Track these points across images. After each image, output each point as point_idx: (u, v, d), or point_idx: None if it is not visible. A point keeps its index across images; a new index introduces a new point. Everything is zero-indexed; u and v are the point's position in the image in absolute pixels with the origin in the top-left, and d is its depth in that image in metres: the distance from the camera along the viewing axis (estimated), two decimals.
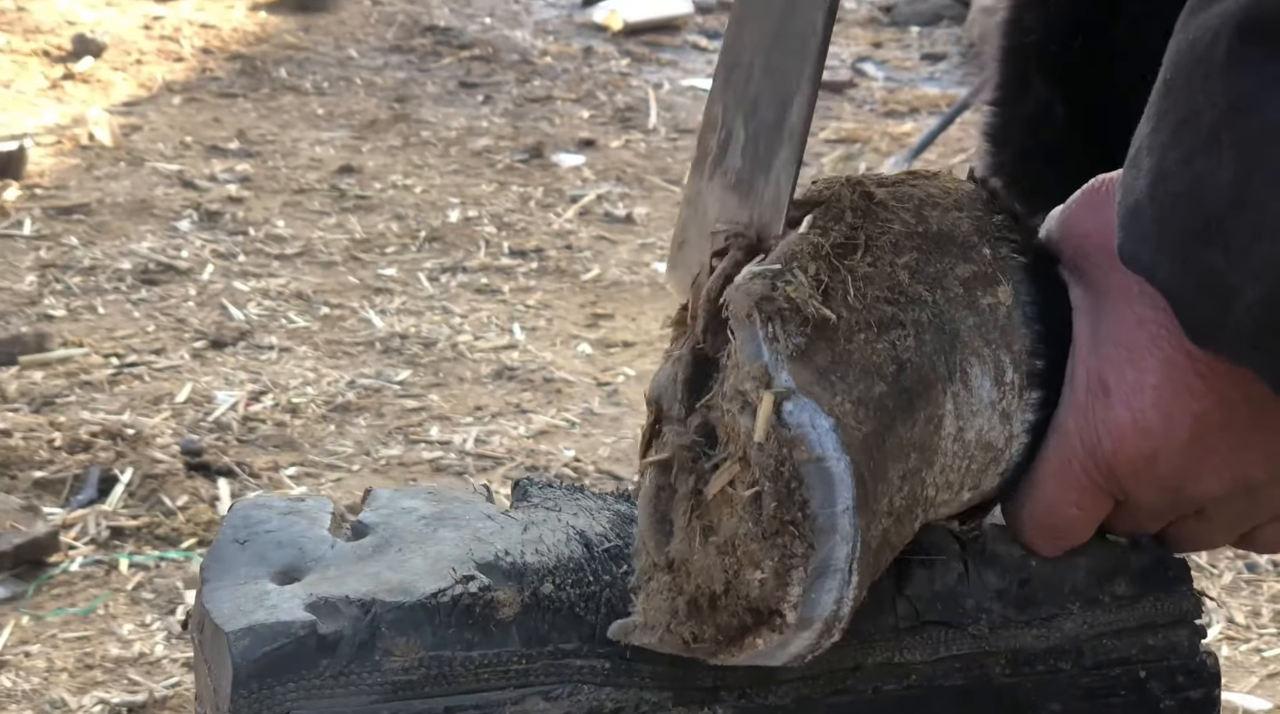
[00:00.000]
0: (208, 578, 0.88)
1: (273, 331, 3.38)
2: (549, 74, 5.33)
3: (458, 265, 3.77)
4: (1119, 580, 0.92)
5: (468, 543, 0.89)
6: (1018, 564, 0.90)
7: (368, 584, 0.85)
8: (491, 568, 0.87)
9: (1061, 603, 0.91)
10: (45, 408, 2.99)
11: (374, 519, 0.92)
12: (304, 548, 0.90)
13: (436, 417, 3.04)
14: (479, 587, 0.85)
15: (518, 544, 0.89)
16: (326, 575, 0.87)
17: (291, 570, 0.88)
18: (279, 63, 5.29)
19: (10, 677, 2.24)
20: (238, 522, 0.92)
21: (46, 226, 3.87)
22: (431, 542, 0.89)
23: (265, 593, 0.86)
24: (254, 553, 0.89)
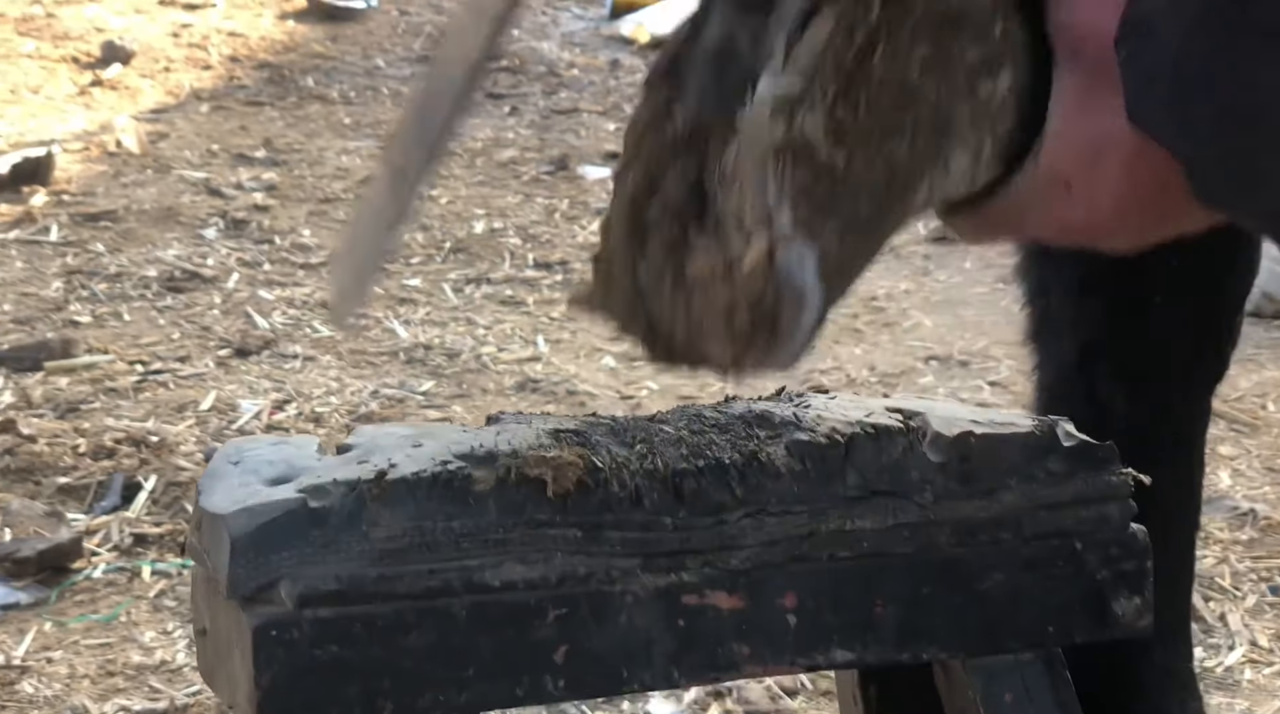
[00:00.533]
0: (203, 490, 0.95)
1: (297, 341, 3.38)
2: (575, 86, 5.33)
3: (482, 277, 3.77)
4: (1051, 457, 1.00)
5: (447, 447, 0.96)
6: (957, 441, 0.98)
7: (352, 474, 0.93)
8: (468, 456, 0.94)
9: (1000, 477, 0.99)
10: (70, 414, 3.00)
11: (357, 441, 0.99)
12: (293, 462, 0.97)
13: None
14: (456, 469, 0.92)
15: (491, 440, 0.96)
16: (314, 474, 0.94)
17: (282, 479, 0.95)
18: (306, 71, 5.31)
19: (32, 683, 2.25)
20: (230, 450, 1.00)
21: (73, 233, 3.89)
22: (412, 449, 0.96)
23: (258, 490, 0.93)
24: (247, 468, 0.96)
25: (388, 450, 0.96)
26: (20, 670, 2.27)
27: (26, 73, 5.03)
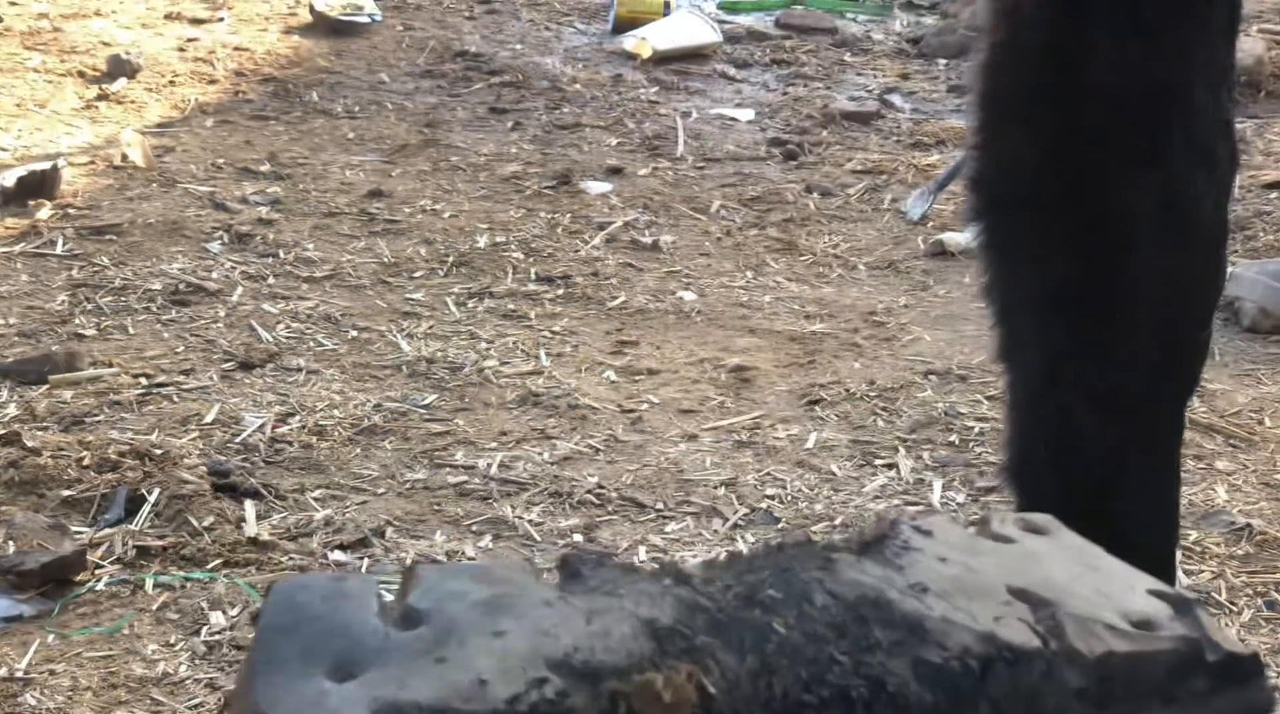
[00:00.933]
0: (259, 672, 0.84)
1: (301, 354, 3.40)
2: (578, 101, 5.35)
3: (485, 291, 3.79)
4: (1196, 676, 0.92)
5: (533, 636, 0.85)
6: (1099, 661, 0.89)
7: (434, 686, 0.81)
8: (562, 667, 0.83)
9: (1141, 699, 0.90)
10: (74, 427, 3.01)
11: (425, 604, 0.88)
12: (356, 637, 0.85)
13: (461, 441, 3.05)
14: (555, 692, 0.81)
15: (585, 638, 0.85)
16: (386, 673, 0.83)
17: (346, 664, 0.84)
18: (311, 86, 5.33)
19: (35, 695, 2.26)
20: (281, 606, 0.88)
21: (79, 246, 3.91)
22: (493, 634, 0.85)
23: (324, 693, 0.81)
24: (305, 646, 0.85)
25: (464, 634, 0.85)
26: (23, 683, 2.28)
27: (33, 86, 5.05)
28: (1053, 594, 0.93)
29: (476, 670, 0.82)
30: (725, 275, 3.99)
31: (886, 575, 0.93)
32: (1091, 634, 0.90)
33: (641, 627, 0.86)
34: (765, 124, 5.26)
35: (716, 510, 2.84)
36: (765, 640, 0.86)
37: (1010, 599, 0.93)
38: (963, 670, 0.86)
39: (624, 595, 0.90)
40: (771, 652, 0.85)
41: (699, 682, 0.82)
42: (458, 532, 2.73)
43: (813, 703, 0.84)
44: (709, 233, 4.27)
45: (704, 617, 0.87)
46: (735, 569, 0.93)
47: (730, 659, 0.84)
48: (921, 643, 0.87)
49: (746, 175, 4.73)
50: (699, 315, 3.73)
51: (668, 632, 0.86)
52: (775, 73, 5.91)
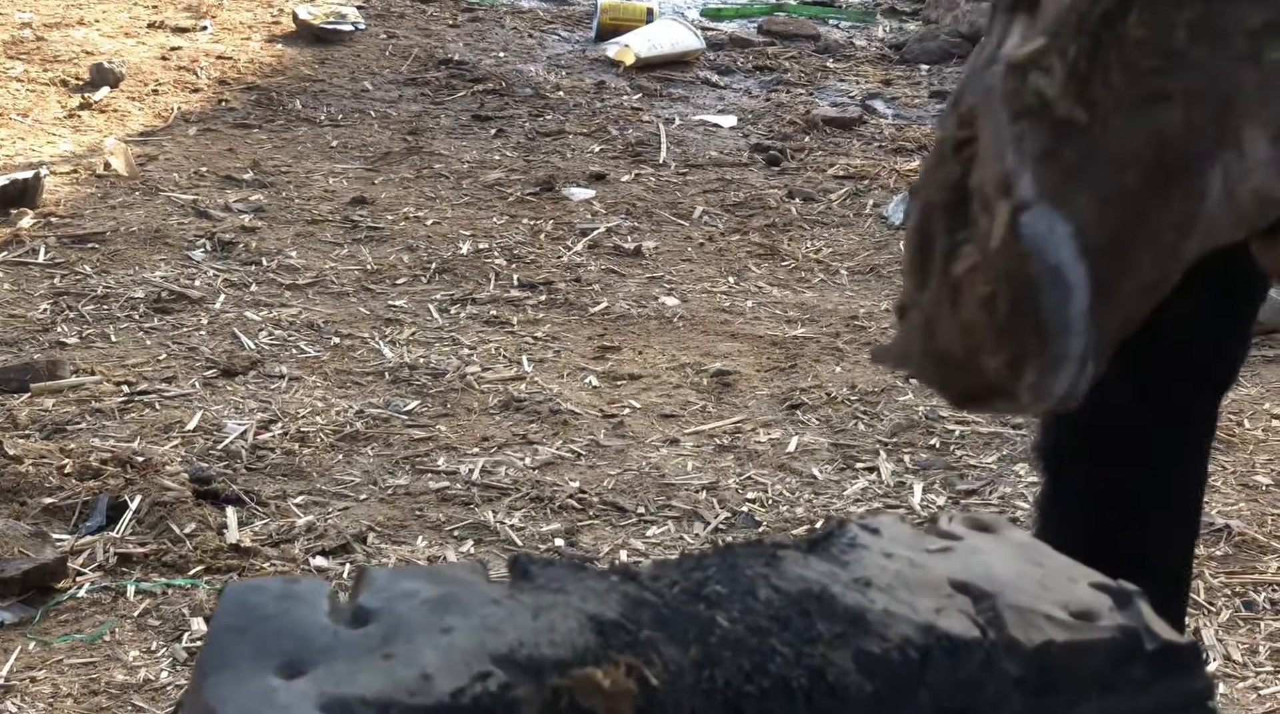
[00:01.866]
0: (207, 672, 0.84)
1: (283, 361, 3.41)
2: (561, 108, 5.37)
3: (467, 297, 3.80)
4: (1135, 665, 0.92)
5: (479, 632, 0.86)
6: (1037, 650, 0.90)
7: (380, 681, 0.82)
8: (506, 661, 0.84)
9: (1081, 688, 0.90)
10: (56, 435, 3.01)
11: (375, 604, 0.89)
12: (306, 637, 0.86)
13: (444, 447, 3.06)
14: (498, 684, 0.82)
15: (530, 633, 0.86)
16: (334, 670, 0.83)
17: (296, 663, 0.84)
18: (294, 94, 5.34)
19: (15, 702, 2.26)
20: (232, 608, 0.89)
21: (61, 254, 3.91)
22: (440, 631, 0.86)
23: (272, 689, 0.82)
24: (255, 646, 0.85)
25: (411, 631, 0.86)
26: (4, 690, 2.28)
27: (15, 95, 5.05)
28: (994, 587, 0.94)
29: (422, 666, 0.83)
30: (707, 280, 4.00)
31: (831, 571, 0.94)
32: (1031, 625, 0.91)
33: (587, 622, 0.87)
34: (748, 130, 5.27)
35: (698, 514, 2.85)
36: (709, 633, 0.87)
37: (952, 592, 0.94)
38: (902, 660, 0.87)
39: (571, 592, 0.91)
40: (714, 644, 0.86)
41: (640, 674, 0.83)
42: (439, 537, 2.74)
43: (754, 693, 0.85)
44: (691, 238, 4.28)
45: (649, 611, 0.88)
46: (683, 567, 0.94)
47: (673, 651, 0.85)
48: (863, 634, 0.88)
49: (729, 181, 4.74)
50: (681, 320, 3.74)
51: (612, 626, 0.87)
52: (758, 79, 5.92)
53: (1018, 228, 0.75)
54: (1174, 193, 0.77)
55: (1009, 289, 0.76)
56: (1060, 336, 0.76)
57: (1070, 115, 0.75)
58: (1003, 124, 0.75)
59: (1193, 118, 0.76)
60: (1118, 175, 0.76)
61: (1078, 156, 0.75)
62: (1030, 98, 0.75)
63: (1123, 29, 0.76)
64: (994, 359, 0.78)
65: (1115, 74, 0.75)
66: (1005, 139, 0.75)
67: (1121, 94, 0.76)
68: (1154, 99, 0.76)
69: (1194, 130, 0.77)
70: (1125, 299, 0.78)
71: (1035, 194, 0.74)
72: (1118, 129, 0.76)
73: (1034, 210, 0.75)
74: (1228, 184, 0.78)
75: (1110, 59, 0.75)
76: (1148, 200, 0.76)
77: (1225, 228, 0.79)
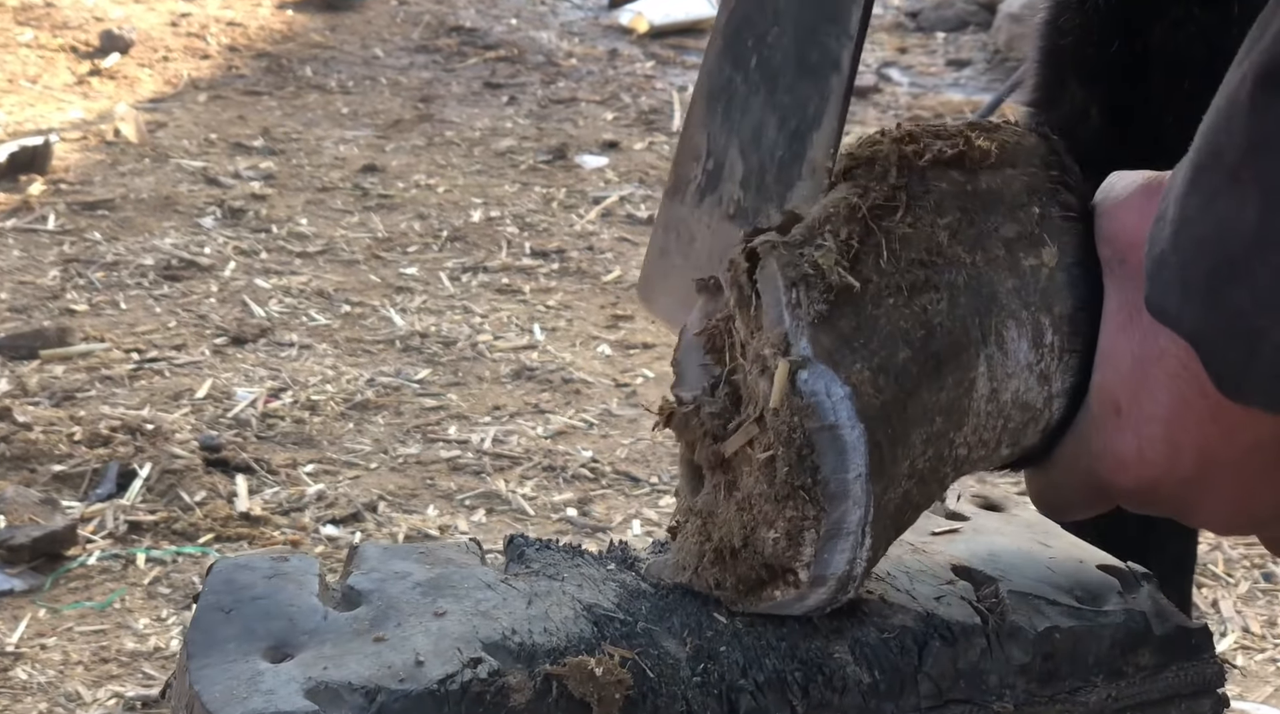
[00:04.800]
0: (193, 653, 0.82)
1: (293, 329, 3.39)
2: (574, 76, 5.33)
3: (479, 265, 3.77)
4: (1143, 650, 0.90)
5: (471, 618, 0.84)
6: (1041, 637, 0.88)
7: (369, 666, 0.80)
8: (499, 648, 0.82)
9: (1086, 675, 0.89)
10: (65, 402, 3.00)
11: (366, 585, 0.88)
12: (294, 619, 0.84)
13: (455, 416, 3.04)
14: (489, 671, 0.80)
15: (524, 620, 0.85)
16: (322, 653, 0.82)
17: (283, 645, 0.83)
18: (304, 61, 5.31)
19: (26, 669, 2.25)
20: (220, 586, 0.86)
21: (70, 221, 3.89)
22: (432, 615, 0.85)
23: (259, 673, 0.80)
24: (241, 624, 0.84)
25: (403, 614, 0.85)
26: (14, 657, 2.27)
27: (25, 62, 5.03)
28: (998, 571, 0.92)
29: (413, 651, 0.81)
30: None
31: None
32: (1035, 610, 0.89)
33: (582, 610, 0.86)
34: None
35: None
36: (705, 627, 0.86)
37: (954, 578, 0.92)
38: (900, 650, 0.86)
39: (566, 579, 0.90)
40: (710, 637, 0.85)
41: (635, 665, 0.82)
42: (450, 506, 2.72)
43: (749, 687, 0.84)
44: None
45: (646, 602, 0.88)
46: None
47: (670, 644, 0.85)
48: (859, 625, 0.87)
49: None
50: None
51: (608, 616, 0.86)
52: None
53: (797, 383, 0.78)
54: (944, 377, 0.81)
55: (787, 449, 0.79)
56: (838, 503, 0.79)
57: (845, 282, 0.79)
58: (779, 291, 0.79)
59: (957, 310, 0.81)
60: (890, 349, 0.80)
61: (852, 326, 0.79)
62: (807, 267, 0.79)
63: (889, 224, 0.81)
64: (772, 530, 0.81)
65: (884, 259, 0.80)
66: (782, 304, 0.79)
67: (890, 277, 0.80)
68: (921, 288, 0.81)
69: (959, 322, 0.81)
70: (898, 476, 0.81)
71: (812, 353, 0.78)
72: (888, 307, 0.80)
73: (812, 368, 0.78)
74: (992, 381, 0.82)
75: (880, 245, 0.80)
76: (919, 378, 0.80)
77: (990, 434, 0.83)
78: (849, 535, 0.80)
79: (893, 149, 0.83)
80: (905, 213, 0.81)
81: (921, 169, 0.83)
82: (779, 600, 0.83)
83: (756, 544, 0.82)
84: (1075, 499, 0.88)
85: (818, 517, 0.79)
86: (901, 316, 0.80)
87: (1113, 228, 0.84)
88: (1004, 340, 0.83)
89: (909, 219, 0.81)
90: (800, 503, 0.79)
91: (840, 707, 0.85)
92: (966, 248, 0.82)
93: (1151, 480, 0.83)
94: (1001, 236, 0.83)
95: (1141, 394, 0.81)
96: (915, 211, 0.82)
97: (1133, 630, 0.90)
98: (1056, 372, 0.84)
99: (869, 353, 0.79)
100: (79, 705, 2.19)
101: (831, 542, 0.80)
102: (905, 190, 0.82)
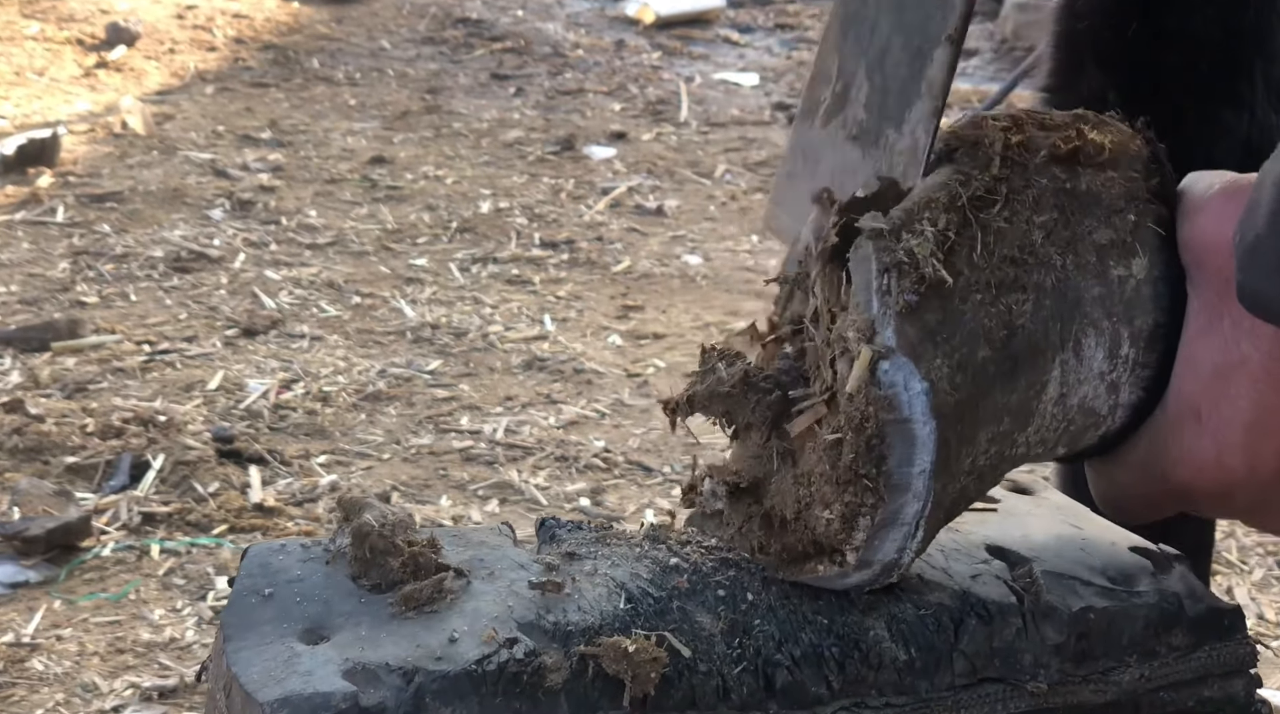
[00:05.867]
0: (230, 635, 0.83)
1: (304, 320, 3.39)
2: (581, 67, 5.33)
3: (489, 256, 3.77)
4: (1176, 631, 0.91)
5: (505, 598, 0.85)
6: (1076, 617, 0.88)
7: (406, 647, 0.81)
8: (534, 628, 0.83)
9: (1119, 655, 0.89)
10: (78, 394, 3.00)
11: None
12: (330, 601, 0.85)
13: (467, 406, 3.04)
14: (525, 652, 0.81)
15: (558, 600, 0.85)
16: (359, 635, 0.82)
17: (319, 628, 0.83)
18: (311, 53, 5.30)
19: (42, 660, 2.25)
20: (255, 570, 0.87)
21: (79, 214, 3.89)
22: (466, 595, 0.85)
23: (295, 655, 0.80)
24: (277, 607, 0.84)
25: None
26: (30, 648, 2.27)
27: (31, 55, 5.03)
28: (1032, 551, 0.93)
29: (448, 631, 0.82)
30: (730, 239, 3.97)
31: None
32: (1069, 591, 0.90)
33: (615, 589, 0.86)
34: (769, 88, 5.23)
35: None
36: (739, 601, 0.86)
37: (988, 557, 0.92)
38: (937, 628, 0.86)
39: (599, 558, 0.90)
40: (745, 611, 0.86)
41: (669, 642, 0.82)
42: (463, 496, 2.72)
43: (785, 662, 0.84)
44: (713, 197, 4.25)
45: (679, 578, 0.88)
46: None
47: (704, 619, 0.85)
48: (896, 601, 0.87)
49: (750, 139, 4.70)
50: (704, 279, 3.71)
51: (641, 593, 0.86)
52: (779, 37, 5.88)
53: (877, 372, 0.77)
54: (1018, 379, 0.81)
55: (857, 437, 0.78)
56: (899, 495, 0.78)
57: (937, 276, 0.78)
58: (871, 275, 0.78)
59: (1042, 312, 0.81)
60: (971, 346, 0.79)
61: (938, 319, 0.78)
62: (901, 254, 0.78)
63: (987, 217, 0.80)
64: (827, 511, 0.80)
65: (978, 253, 0.79)
66: (872, 289, 0.78)
67: (981, 273, 0.80)
68: (1009, 286, 0.80)
69: (1041, 325, 0.81)
70: (960, 473, 0.81)
71: (896, 344, 0.77)
72: (975, 304, 0.79)
73: (894, 360, 0.77)
74: (1063, 385, 0.82)
75: (975, 238, 0.80)
76: (994, 379, 0.80)
77: (1052, 434, 0.83)
78: (903, 526, 0.80)
79: (999, 137, 0.82)
80: (1004, 206, 0.81)
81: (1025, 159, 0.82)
82: (821, 575, 0.83)
83: (809, 520, 0.82)
84: (1144, 503, 0.88)
85: (875, 505, 0.79)
86: (986, 314, 0.80)
87: (1192, 232, 0.84)
88: (1081, 348, 0.82)
89: (1006, 213, 0.81)
90: (861, 490, 0.79)
91: (875, 683, 0.85)
92: (1059, 249, 0.82)
93: (1230, 485, 0.82)
94: (1094, 242, 0.83)
95: (1222, 400, 0.80)
96: (1014, 206, 0.81)
97: (1166, 611, 0.91)
98: (1126, 382, 0.84)
99: (950, 349, 0.79)
100: (95, 696, 2.19)
101: (885, 530, 0.80)
102: (1007, 183, 0.81)
